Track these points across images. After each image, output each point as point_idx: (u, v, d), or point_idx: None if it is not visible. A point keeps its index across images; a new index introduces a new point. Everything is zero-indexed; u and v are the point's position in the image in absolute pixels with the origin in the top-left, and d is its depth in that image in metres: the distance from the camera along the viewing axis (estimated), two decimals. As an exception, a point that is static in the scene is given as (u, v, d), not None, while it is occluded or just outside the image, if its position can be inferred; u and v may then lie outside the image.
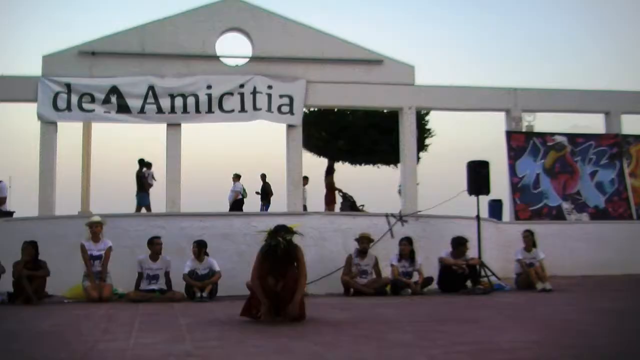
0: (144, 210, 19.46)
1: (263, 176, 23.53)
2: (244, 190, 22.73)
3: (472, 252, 12.96)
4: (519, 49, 60.46)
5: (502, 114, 19.47)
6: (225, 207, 21.93)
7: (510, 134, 18.98)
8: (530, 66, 57.43)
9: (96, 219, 11.98)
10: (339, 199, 22.61)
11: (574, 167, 18.98)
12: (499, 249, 15.77)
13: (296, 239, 7.44)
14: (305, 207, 21.61)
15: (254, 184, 23.35)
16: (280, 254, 7.18)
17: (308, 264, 7.65)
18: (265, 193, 23.21)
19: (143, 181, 20.11)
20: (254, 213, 13.00)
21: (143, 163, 20.11)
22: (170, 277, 11.63)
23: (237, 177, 22.65)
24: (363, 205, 21.25)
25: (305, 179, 22.61)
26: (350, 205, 21.12)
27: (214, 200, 22.56)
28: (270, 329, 6.62)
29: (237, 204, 22.01)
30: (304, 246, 7.63)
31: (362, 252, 12.43)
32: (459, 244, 12.62)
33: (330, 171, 21.67)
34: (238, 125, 18.74)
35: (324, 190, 23.28)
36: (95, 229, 11.79)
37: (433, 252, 13.13)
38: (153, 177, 20.63)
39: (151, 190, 20.04)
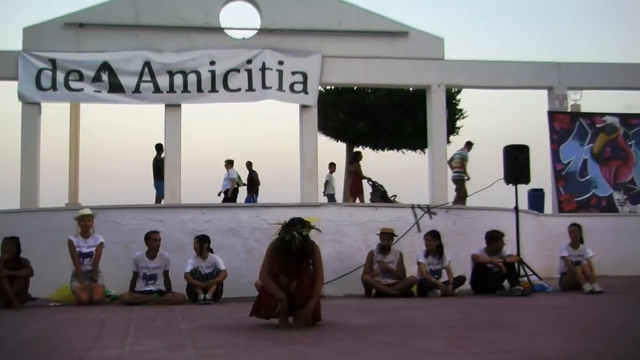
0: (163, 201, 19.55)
1: (249, 164, 23.52)
2: (240, 178, 22.71)
3: (509, 249, 12.92)
4: (563, 18, 60.00)
5: (544, 92, 19.36)
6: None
7: (553, 115, 18.86)
8: (576, 37, 57.05)
9: (86, 211, 11.99)
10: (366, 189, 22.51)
11: (627, 152, 18.87)
12: (540, 245, 15.71)
13: (313, 236, 7.42)
14: (333, 197, 21.61)
15: (265, 172, 23.38)
16: (294, 250, 7.16)
17: (324, 262, 7.65)
18: (252, 183, 23.22)
19: (161, 168, 20.25)
20: (263, 205, 13.00)
21: (161, 148, 20.26)
22: (169, 276, 11.66)
23: (230, 164, 22.54)
24: (395, 196, 21.21)
25: (332, 166, 22.63)
26: (380, 195, 21.09)
27: (218, 190, 22.54)
28: (282, 335, 6.63)
29: (233, 194, 21.98)
30: (319, 242, 7.62)
31: (385, 248, 12.43)
32: (494, 238, 12.57)
33: (356, 157, 21.65)
34: (245, 106, 18.75)
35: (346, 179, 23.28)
36: (85, 223, 11.81)
37: (465, 248, 13.10)
38: None
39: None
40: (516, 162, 13.71)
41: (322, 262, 7.49)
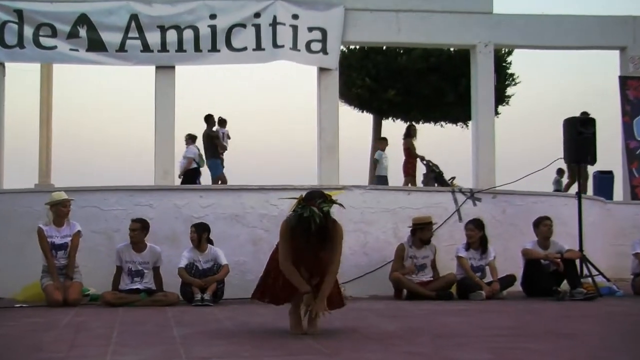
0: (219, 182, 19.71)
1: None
2: (201, 156, 22.62)
3: (570, 242, 12.89)
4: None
5: (616, 53, 19.24)
6: (231, 178, 21.95)
7: (626, 81, 18.76)
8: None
9: (61, 195, 12.02)
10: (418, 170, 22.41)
11: None
12: (608, 239, 15.67)
13: (335, 213, 7.37)
14: (385, 180, 21.58)
15: (275, 148, 23.35)
16: (313, 229, 7.02)
17: (345, 255, 7.66)
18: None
19: (216, 143, 20.33)
20: (273, 187, 13.02)
21: (211, 120, 20.33)
22: (160, 272, 11.73)
23: (191, 139, 22.45)
24: (454, 178, 21.15)
25: (383, 142, 22.57)
26: (435, 177, 21.05)
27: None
28: (295, 344, 6.65)
29: (190, 175, 21.90)
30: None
31: (420, 241, 12.44)
32: (536, 223, 12.66)
33: (409, 132, 21.59)
34: (252, 68, 18.75)
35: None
36: (61, 209, 11.85)
37: (516, 241, 13.08)
38: (228, 137, 20.87)
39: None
40: (579, 139, 13.63)
41: (342, 244, 7.38)
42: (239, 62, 17.93)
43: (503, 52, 27.02)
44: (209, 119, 20.54)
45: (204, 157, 21.78)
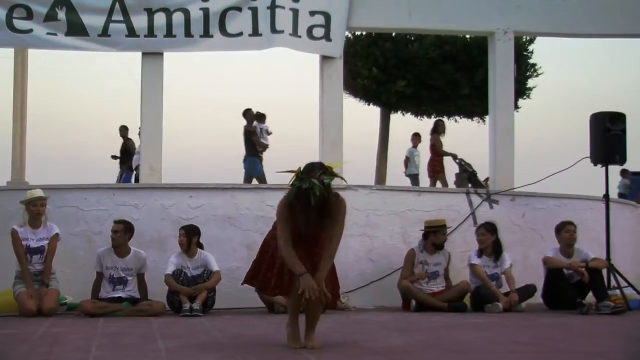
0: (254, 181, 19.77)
1: (123, 130, 23.45)
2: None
3: (595, 250, 12.90)
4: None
5: (648, 42, 19.23)
6: (225, 176, 22.00)
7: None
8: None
9: (37, 192, 12.01)
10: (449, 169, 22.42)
11: None
12: (638, 247, 15.66)
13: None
14: (416, 179, 21.61)
15: (273, 144, 23.40)
16: (314, 204, 6.99)
17: (349, 262, 7.70)
18: (128, 156, 23.07)
19: (254, 140, 20.36)
20: (270, 186, 13.05)
21: (251, 114, 20.38)
22: (145, 279, 11.76)
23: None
24: (488, 179, 21.14)
25: (416, 138, 22.58)
26: (468, 177, 21.06)
27: (210, 166, 22.65)
28: (292, 358, 6.65)
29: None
30: (344, 236, 7.49)
31: (433, 245, 12.45)
32: (558, 229, 12.66)
33: (437, 128, 21.60)
34: (249, 55, 18.74)
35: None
36: (37, 209, 11.86)
37: (537, 248, 13.11)
38: (267, 132, 20.97)
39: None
40: (608, 136, 13.61)
41: (344, 220, 7.32)
42: (234, 48, 17.86)
43: (524, 39, 26.98)
44: (246, 113, 20.52)
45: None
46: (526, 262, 12.85)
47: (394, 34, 26.43)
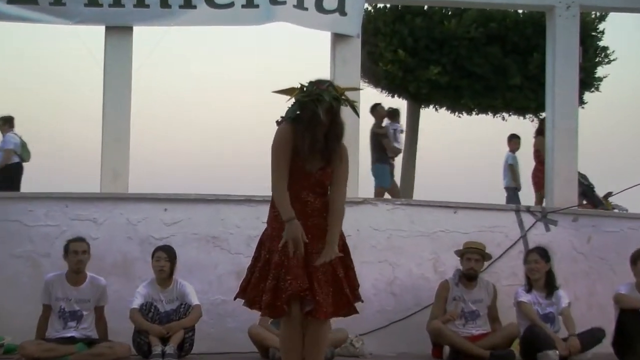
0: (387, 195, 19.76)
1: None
2: (23, 146, 22.28)
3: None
4: None
5: None
6: (209, 185, 21.94)
7: None
8: None
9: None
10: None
11: None
12: None
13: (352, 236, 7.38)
14: (516, 193, 21.48)
15: (260, 139, 23.35)
16: (323, 119, 7.10)
17: (366, 296, 7.59)
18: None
19: (384, 144, 20.31)
20: (265, 198, 12.90)
21: (381, 111, 20.33)
22: (104, 315, 11.69)
23: (6, 123, 22.21)
24: (610, 194, 20.92)
25: (516, 140, 22.45)
26: (583, 191, 20.85)
27: (191, 173, 22.59)
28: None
29: (9, 173, 21.60)
30: (359, 262, 7.48)
31: (469, 277, 12.30)
32: (634, 259, 12.54)
33: (542, 130, 21.49)
34: (241, 31, 18.64)
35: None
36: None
37: (606, 282, 13.01)
38: (401, 131, 21.46)
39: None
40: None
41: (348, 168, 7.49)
42: (223, 23, 17.74)
43: (592, 16, 26.88)
44: (374, 110, 20.59)
45: (27, 146, 21.56)
46: (592, 299, 12.73)
47: (426, 7, 26.36)
